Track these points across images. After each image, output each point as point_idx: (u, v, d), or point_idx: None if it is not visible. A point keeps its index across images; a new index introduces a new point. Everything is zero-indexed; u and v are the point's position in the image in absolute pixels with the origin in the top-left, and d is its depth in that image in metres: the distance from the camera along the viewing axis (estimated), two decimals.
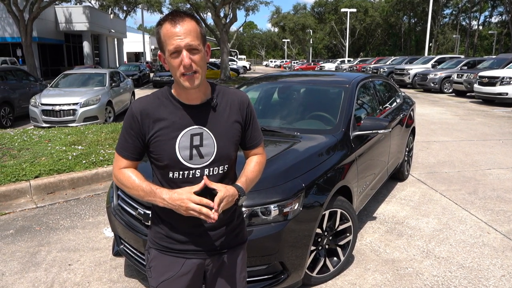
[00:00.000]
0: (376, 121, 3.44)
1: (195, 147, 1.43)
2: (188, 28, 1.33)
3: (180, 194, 1.36)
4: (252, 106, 1.58)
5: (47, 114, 8.93)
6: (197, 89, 1.42)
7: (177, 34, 1.32)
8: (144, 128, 1.43)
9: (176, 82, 1.42)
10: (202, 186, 1.39)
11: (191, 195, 1.35)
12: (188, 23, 1.34)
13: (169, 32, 1.33)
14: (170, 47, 1.33)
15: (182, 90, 1.43)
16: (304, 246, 2.52)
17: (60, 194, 4.75)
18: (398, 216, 4.10)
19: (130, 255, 2.76)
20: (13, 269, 3.11)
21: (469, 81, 15.48)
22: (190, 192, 1.36)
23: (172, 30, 1.32)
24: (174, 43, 1.32)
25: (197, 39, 1.35)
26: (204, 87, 1.46)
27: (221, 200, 1.36)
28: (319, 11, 70.42)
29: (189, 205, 1.34)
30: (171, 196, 1.37)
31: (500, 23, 58.98)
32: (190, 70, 1.35)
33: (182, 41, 1.32)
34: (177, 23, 1.32)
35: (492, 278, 2.94)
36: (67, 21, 30.66)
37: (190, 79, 1.36)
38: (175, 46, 1.32)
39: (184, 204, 1.34)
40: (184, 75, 1.35)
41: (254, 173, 1.57)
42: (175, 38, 1.32)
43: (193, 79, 1.36)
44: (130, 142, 1.46)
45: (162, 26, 1.35)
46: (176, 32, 1.32)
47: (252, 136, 1.59)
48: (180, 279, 1.51)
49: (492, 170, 5.71)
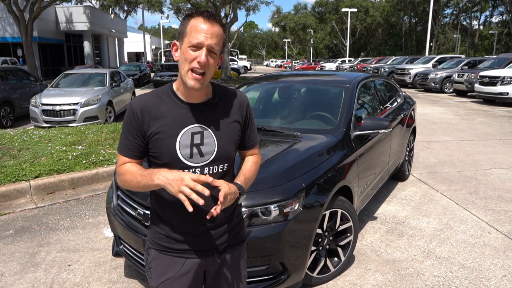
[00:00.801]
0: (376, 121, 3.43)
1: (196, 145, 1.42)
2: (216, 32, 1.35)
3: (179, 173, 1.29)
4: (251, 107, 1.59)
5: (48, 114, 8.93)
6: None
7: (206, 32, 1.33)
8: (144, 125, 1.42)
9: (181, 78, 1.41)
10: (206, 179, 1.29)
11: (190, 176, 1.27)
12: (219, 28, 1.37)
13: (199, 26, 1.34)
14: (193, 40, 1.33)
15: (185, 87, 1.42)
16: (305, 247, 2.51)
17: (60, 194, 4.74)
18: (399, 216, 4.09)
19: (130, 255, 2.75)
20: (12, 269, 3.11)
21: (469, 81, 15.47)
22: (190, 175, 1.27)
23: (202, 26, 1.34)
24: (200, 38, 1.33)
25: (219, 46, 1.38)
26: (205, 87, 1.45)
27: (225, 195, 1.33)
28: (319, 11, 70.39)
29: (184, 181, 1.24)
30: (169, 172, 1.30)
31: (501, 22, 58.95)
32: (202, 69, 1.35)
33: (207, 39, 1.33)
34: (210, 22, 1.35)
35: (493, 278, 2.92)
36: (67, 21, 30.67)
37: (196, 78, 1.36)
38: (199, 41, 1.33)
39: (179, 178, 1.25)
40: (193, 71, 1.35)
41: (251, 172, 1.58)
42: (202, 34, 1.33)
43: (199, 80, 1.36)
44: (131, 140, 1.44)
45: (194, 18, 1.36)
46: (206, 29, 1.33)
47: (250, 137, 1.60)
48: (180, 279, 1.50)
49: (493, 170, 5.69)
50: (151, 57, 54.47)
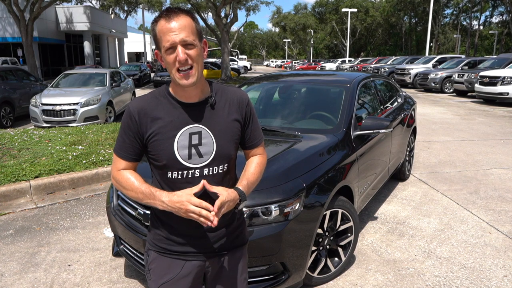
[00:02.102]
0: (377, 121, 3.42)
1: (194, 146, 1.40)
2: (183, 24, 1.31)
3: (180, 197, 1.33)
4: (252, 105, 1.56)
5: (48, 114, 8.93)
6: (194, 87, 1.40)
7: (172, 29, 1.30)
8: (142, 127, 1.41)
9: (173, 80, 1.40)
10: (202, 186, 1.36)
11: (191, 197, 1.32)
12: (183, 19, 1.32)
13: (163, 28, 1.31)
14: (165, 44, 1.32)
15: (179, 88, 1.41)
16: (305, 247, 2.50)
17: (60, 194, 4.74)
18: (400, 216, 4.08)
19: (130, 255, 2.75)
20: (12, 269, 3.10)
21: (470, 81, 15.46)
22: (190, 194, 1.33)
23: (166, 26, 1.31)
24: (169, 39, 1.30)
25: (193, 35, 1.33)
26: (202, 85, 1.44)
27: (222, 204, 1.33)
28: (320, 11, 70.39)
29: (188, 208, 1.31)
30: (171, 198, 1.34)
31: (501, 23, 58.89)
32: (186, 65, 1.33)
33: (177, 36, 1.30)
34: (172, 19, 1.31)
35: (494, 278, 2.92)
36: (67, 21, 30.68)
37: (186, 76, 1.34)
38: (170, 42, 1.31)
39: (183, 206, 1.32)
40: (179, 71, 1.34)
41: (255, 175, 1.54)
42: (170, 34, 1.30)
43: (189, 76, 1.34)
44: (128, 143, 1.43)
45: (157, 23, 1.34)
46: (171, 28, 1.30)
47: (251, 135, 1.56)
48: (180, 281, 1.49)
49: (493, 170, 5.69)
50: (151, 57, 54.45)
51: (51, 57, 31.47)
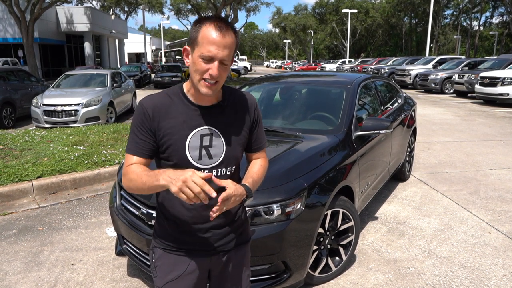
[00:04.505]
0: (378, 121, 3.45)
1: (205, 147, 1.43)
2: (229, 42, 1.31)
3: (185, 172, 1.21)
4: (259, 109, 1.58)
5: (49, 115, 8.96)
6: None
7: (218, 44, 1.29)
8: (154, 123, 1.41)
9: (193, 84, 1.40)
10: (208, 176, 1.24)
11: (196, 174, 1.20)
12: (231, 37, 1.32)
13: (210, 37, 1.29)
14: (205, 52, 1.30)
15: (196, 91, 1.42)
16: (307, 246, 2.53)
17: (62, 194, 4.77)
18: (400, 216, 4.11)
19: (133, 254, 2.78)
20: (16, 268, 3.13)
21: (470, 81, 15.48)
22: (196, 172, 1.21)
23: (214, 37, 1.29)
24: (212, 50, 1.29)
25: (231, 55, 1.34)
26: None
27: (228, 196, 1.29)
28: (320, 12, 70.39)
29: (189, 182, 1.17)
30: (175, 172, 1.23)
31: (501, 23, 58.90)
32: (214, 79, 1.34)
33: (219, 53, 1.30)
34: (222, 32, 1.30)
35: (494, 277, 2.94)
36: (68, 22, 30.71)
37: (209, 87, 1.35)
38: (211, 54, 1.30)
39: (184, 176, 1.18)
40: (205, 80, 1.34)
41: (259, 175, 1.56)
42: (214, 47, 1.29)
43: (212, 88, 1.36)
44: (142, 139, 1.42)
45: (205, 25, 1.31)
46: (218, 41, 1.29)
47: (257, 139, 1.59)
48: (186, 278, 1.52)
49: (493, 170, 5.71)
50: (152, 58, 54.48)
51: (52, 57, 31.51)
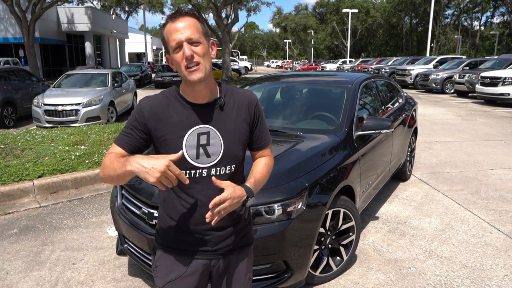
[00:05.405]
0: (378, 121, 3.45)
1: (202, 146, 1.42)
2: (187, 23, 1.36)
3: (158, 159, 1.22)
4: (260, 107, 1.57)
5: (50, 114, 8.96)
6: (204, 87, 1.42)
7: (177, 29, 1.35)
8: (149, 124, 1.43)
9: (183, 79, 1.42)
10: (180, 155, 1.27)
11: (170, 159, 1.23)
12: (188, 19, 1.37)
13: (170, 28, 1.36)
14: (172, 43, 1.36)
15: (190, 87, 1.43)
16: (308, 245, 2.53)
17: (63, 194, 4.77)
18: (401, 216, 4.11)
19: (134, 254, 2.78)
20: (17, 268, 3.13)
21: (471, 81, 15.46)
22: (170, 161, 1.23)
23: (172, 26, 1.36)
24: (175, 37, 1.35)
25: (198, 33, 1.37)
26: (211, 85, 1.46)
27: (220, 201, 1.30)
28: (320, 12, 70.38)
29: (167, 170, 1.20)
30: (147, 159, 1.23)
31: (502, 23, 58.89)
32: (192, 61, 1.35)
33: (182, 35, 1.34)
34: (177, 20, 1.36)
35: (495, 277, 2.94)
36: (69, 22, 30.73)
37: (194, 71, 1.36)
38: (176, 40, 1.35)
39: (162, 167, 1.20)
40: (187, 67, 1.36)
41: (263, 174, 1.54)
42: (175, 33, 1.35)
43: (198, 71, 1.36)
44: (130, 133, 1.45)
45: (165, 27, 1.38)
46: (176, 28, 1.35)
47: (259, 137, 1.57)
48: (187, 279, 1.51)
49: (494, 170, 5.71)
50: (152, 58, 54.54)
51: (53, 57, 31.53)
